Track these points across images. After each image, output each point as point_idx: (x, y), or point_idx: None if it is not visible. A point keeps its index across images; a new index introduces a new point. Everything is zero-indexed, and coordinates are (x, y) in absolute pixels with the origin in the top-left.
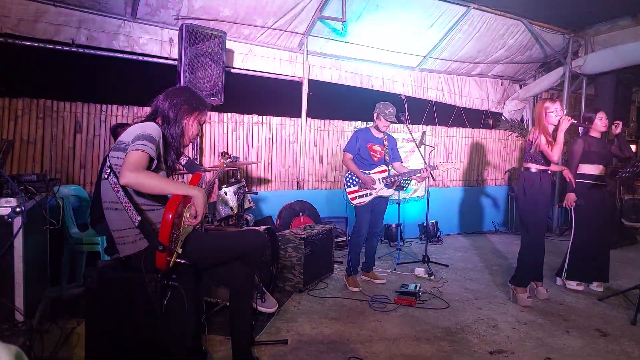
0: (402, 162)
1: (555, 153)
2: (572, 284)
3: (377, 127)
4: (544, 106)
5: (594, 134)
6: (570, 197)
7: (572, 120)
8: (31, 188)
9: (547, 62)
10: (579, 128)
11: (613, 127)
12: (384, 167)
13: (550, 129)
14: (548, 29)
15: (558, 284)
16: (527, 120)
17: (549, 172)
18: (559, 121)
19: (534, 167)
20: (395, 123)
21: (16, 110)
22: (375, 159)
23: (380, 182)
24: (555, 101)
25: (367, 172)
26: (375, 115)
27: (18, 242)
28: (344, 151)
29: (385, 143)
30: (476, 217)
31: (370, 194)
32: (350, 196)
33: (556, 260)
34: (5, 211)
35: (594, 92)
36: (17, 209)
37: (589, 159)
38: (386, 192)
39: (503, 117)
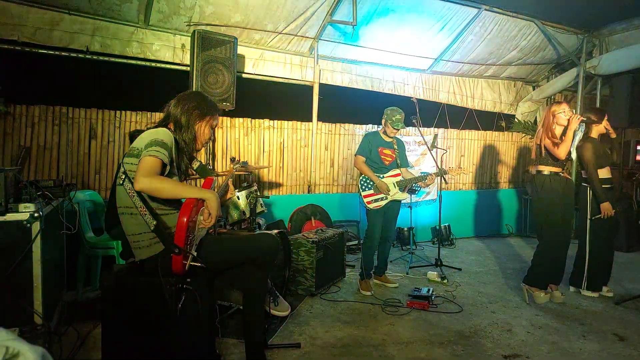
0: (408, 168)
1: (562, 150)
2: (588, 292)
3: (385, 132)
4: (551, 110)
5: (594, 134)
6: (607, 207)
7: (582, 118)
8: (48, 193)
9: (561, 63)
10: (581, 130)
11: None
12: (397, 171)
13: (559, 130)
14: (561, 29)
15: (571, 290)
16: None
17: (561, 173)
18: (568, 120)
19: (545, 170)
20: (404, 128)
21: (33, 117)
22: (387, 163)
23: (395, 187)
24: (561, 103)
25: (381, 176)
26: (383, 121)
27: (36, 247)
28: (356, 154)
29: (395, 147)
30: (489, 220)
31: (386, 198)
32: (366, 200)
33: (571, 264)
34: (24, 216)
35: (609, 93)
36: (36, 214)
37: (600, 163)
38: (401, 195)
39: (516, 119)
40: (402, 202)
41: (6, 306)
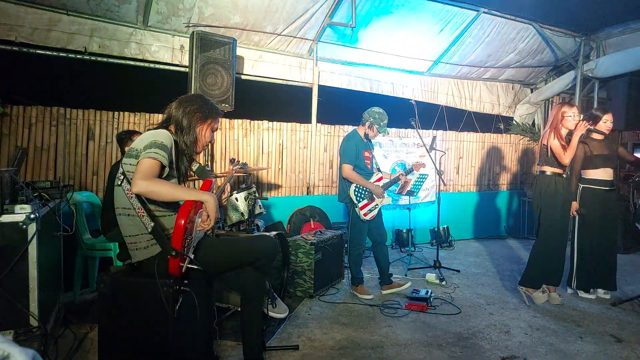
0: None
1: (568, 156)
2: (584, 293)
3: (365, 134)
4: (562, 110)
5: (596, 136)
6: (573, 206)
7: (589, 126)
8: (45, 195)
9: (559, 66)
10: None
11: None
12: (380, 174)
13: (564, 132)
14: (559, 32)
15: (569, 292)
16: (538, 124)
17: (564, 175)
18: (575, 126)
19: (549, 170)
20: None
21: (30, 118)
22: (369, 167)
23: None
24: (572, 106)
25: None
26: (367, 124)
27: (32, 248)
28: (344, 163)
29: (370, 148)
30: (488, 222)
31: (377, 205)
32: (362, 211)
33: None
34: (20, 218)
35: (606, 96)
36: (32, 216)
37: (593, 163)
38: (387, 200)
39: (514, 122)
40: (400, 203)
41: (1, 308)
